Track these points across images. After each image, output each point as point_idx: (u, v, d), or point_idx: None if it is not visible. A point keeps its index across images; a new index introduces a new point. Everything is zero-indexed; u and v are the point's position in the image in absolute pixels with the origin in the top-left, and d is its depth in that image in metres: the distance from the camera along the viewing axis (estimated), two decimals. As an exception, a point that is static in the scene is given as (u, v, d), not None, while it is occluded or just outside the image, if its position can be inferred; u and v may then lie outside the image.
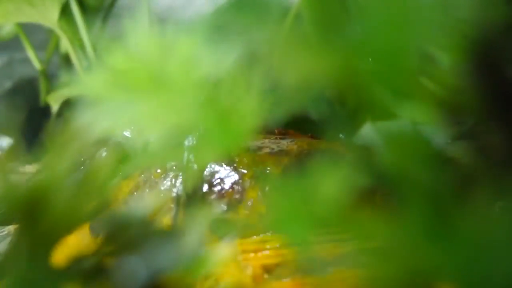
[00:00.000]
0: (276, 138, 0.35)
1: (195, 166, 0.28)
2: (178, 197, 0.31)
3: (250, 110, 0.22)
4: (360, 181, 0.25)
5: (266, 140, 0.34)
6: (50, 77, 0.49)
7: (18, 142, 0.50)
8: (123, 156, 0.30)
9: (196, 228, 0.30)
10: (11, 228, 0.37)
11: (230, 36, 0.22)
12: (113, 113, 0.21)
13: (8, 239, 0.36)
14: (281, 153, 0.32)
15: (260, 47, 0.24)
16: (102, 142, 0.32)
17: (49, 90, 0.47)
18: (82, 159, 0.33)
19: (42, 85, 0.47)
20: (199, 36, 0.21)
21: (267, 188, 0.31)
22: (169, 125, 0.22)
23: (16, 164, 0.38)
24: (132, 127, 0.22)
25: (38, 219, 0.21)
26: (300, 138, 0.36)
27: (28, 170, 0.37)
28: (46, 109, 0.47)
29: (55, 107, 0.46)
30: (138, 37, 0.21)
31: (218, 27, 0.22)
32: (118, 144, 0.31)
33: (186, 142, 0.25)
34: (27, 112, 0.48)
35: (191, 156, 0.26)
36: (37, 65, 0.47)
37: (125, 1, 0.49)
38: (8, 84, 0.50)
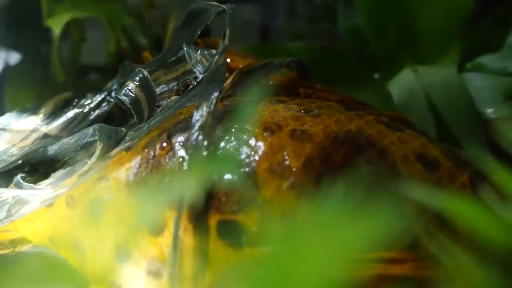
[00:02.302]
0: (298, 104, 0.30)
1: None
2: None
3: None
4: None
5: (283, 109, 0.29)
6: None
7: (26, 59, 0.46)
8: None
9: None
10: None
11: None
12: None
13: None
14: (303, 137, 0.27)
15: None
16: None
17: (51, 8, 0.42)
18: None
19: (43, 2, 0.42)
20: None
21: (284, 186, 0.26)
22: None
23: (10, 119, 0.34)
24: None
25: None
26: (328, 101, 0.31)
27: (22, 128, 0.33)
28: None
29: (57, 31, 0.41)
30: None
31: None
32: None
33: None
34: (29, 29, 0.44)
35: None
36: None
37: None
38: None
